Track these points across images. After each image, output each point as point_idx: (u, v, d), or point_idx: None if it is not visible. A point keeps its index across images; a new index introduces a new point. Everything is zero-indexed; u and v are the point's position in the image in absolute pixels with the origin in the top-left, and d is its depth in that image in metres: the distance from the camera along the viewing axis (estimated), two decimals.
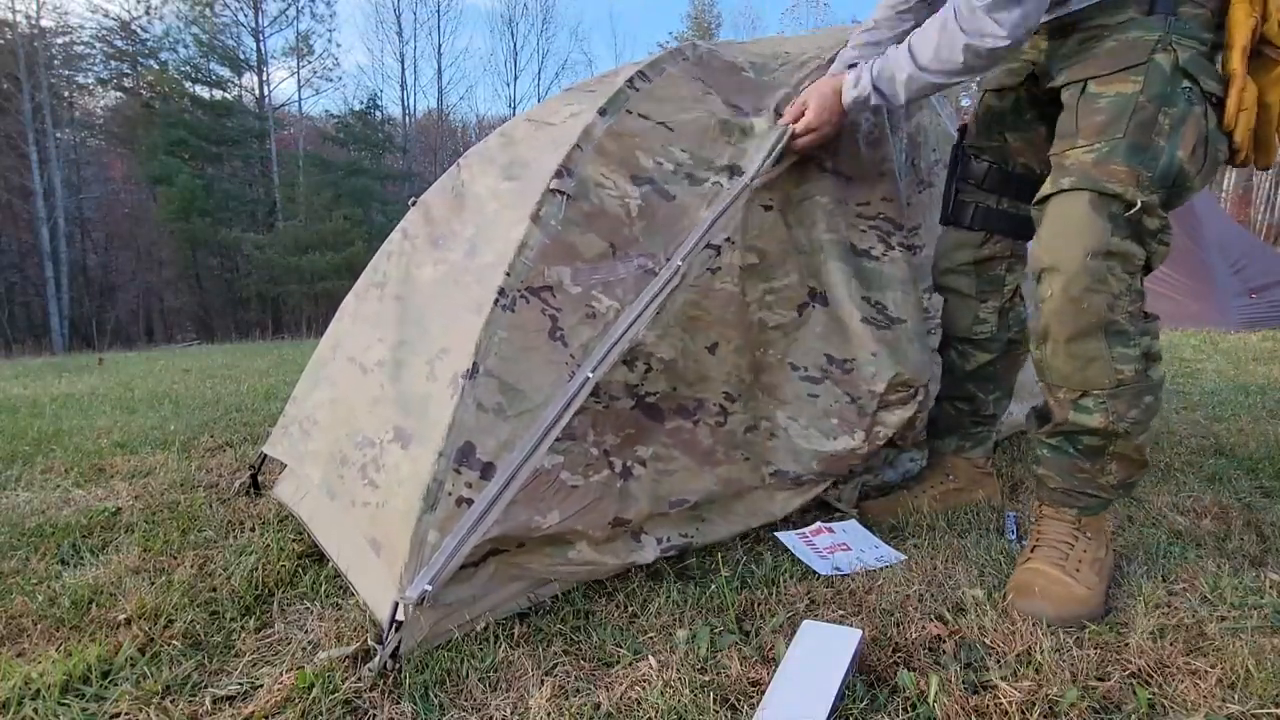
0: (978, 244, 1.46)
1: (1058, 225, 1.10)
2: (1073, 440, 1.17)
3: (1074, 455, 1.17)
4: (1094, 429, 1.13)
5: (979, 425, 1.60)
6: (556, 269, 1.17)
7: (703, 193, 1.29)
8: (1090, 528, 1.19)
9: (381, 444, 1.16)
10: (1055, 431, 1.18)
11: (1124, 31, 1.09)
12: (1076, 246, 1.06)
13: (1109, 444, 1.14)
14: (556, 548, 1.14)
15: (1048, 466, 1.21)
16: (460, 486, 1.02)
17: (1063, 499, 1.20)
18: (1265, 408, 2.54)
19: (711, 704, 0.88)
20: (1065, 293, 1.08)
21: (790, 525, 1.48)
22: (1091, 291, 1.06)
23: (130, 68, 19.16)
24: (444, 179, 1.60)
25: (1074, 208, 1.08)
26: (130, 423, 2.72)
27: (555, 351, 1.13)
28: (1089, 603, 1.09)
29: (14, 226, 18.11)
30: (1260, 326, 5.51)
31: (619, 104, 1.34)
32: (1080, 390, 1.12)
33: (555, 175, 1.22)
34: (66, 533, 1.52)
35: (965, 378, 1.56)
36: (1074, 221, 1.08)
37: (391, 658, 0.98)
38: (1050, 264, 1.10)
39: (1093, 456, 1.16)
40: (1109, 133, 1.07)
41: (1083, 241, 1.06)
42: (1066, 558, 1.14)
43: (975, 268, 1.48)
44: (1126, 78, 1.07)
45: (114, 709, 0.91)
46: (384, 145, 22.69)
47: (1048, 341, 1.13)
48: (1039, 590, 1.10)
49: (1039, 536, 1.21)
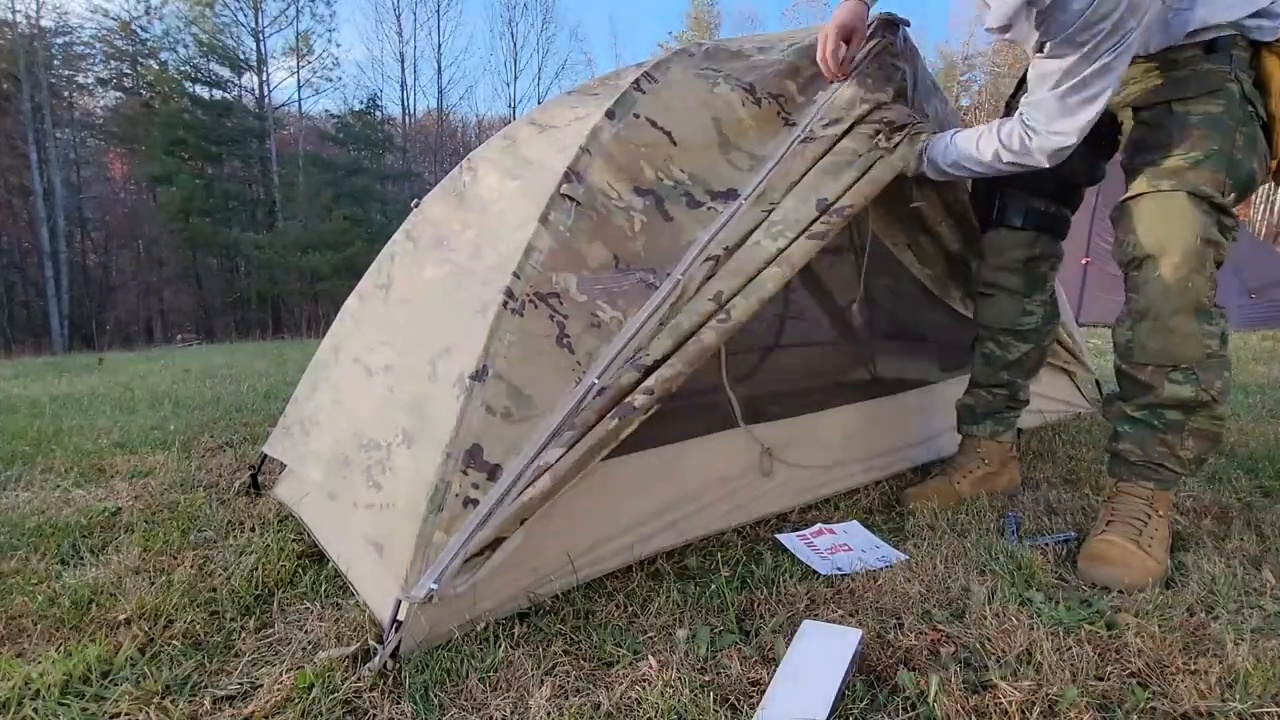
0: (1029, 243, 1.56)
1: (1158, 218, 1.24)
2: (1158, 414, 1.29)
3: (1157, 428, 1.29)
4: (1184, 399, 1.25)
5: (1012, 410, 1.70)
6: (564, 276, 1.17)
7: (698, 217, 1.30)
8: (1161, 505, 1.30)
9: (389, 446, 1.16)
10: (1143, 405, 1.30)
11: (1196, 64, 1.25)
12: (1185, 233, 1.21)
13: (1189, 419, 1.27)
14: None
15: (1129, 441, 1.32)
16: (467, 488, 1.02)
17: (1142, 472, 1.31)
18: (1265, 408, 2.54)
19: (711, 704, 0.88)
20: (1174, 273, 1.22)
21: (791, 527, 1.49)
22: (1195, 273, 1.22)
23: (130, 68, 19.13)
24: (446, 181, 1.61)
25: (1174, 204, 1.23)
26: (130, 423, 2.72)
27: (562, 358, 1.13)
28: (1157, 573, 1.20)
29: (14, 226, 18.10)
30: (1260, 326, 5.52)
31: (626, 107, 1.33)
32: (1173, 364, 1.25)
33: (565, 180, 1.22)
34: (66, 533, 1.52)
35: (1004, 367, 1.65)
36: (1176, 214, 1.22)
37: (391, 657, 0.98)
38: (1156, 250, 1.24)
39: (1174, 430, 1.28)
40: (1202, 145, 1.22)
41: (1190, 229, 1.21)
42: (1140, 533, 1.25)
43: (1025, 265, 1.58)
44: (1210, 100, 1.23)
45: (114, 709, 0.91)
46: (384, 145, 22.68)
47: (1146, 320, 1.26)
48: (1116, 560, 1.21)
49: (1114, 512, 1.31)
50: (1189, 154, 1.23)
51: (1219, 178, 1.22)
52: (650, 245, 1.25)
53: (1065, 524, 1.47)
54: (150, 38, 18.72)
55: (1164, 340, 1.25)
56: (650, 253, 1.25)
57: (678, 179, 1.31)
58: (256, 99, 20.64)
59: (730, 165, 1.37)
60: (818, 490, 1.64)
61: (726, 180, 1.35)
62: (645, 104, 1.35)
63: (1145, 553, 1.22)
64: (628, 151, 1.29)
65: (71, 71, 18.48)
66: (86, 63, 18.58)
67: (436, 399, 1.11)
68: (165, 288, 20.68)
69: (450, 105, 31.25)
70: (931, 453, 1.92)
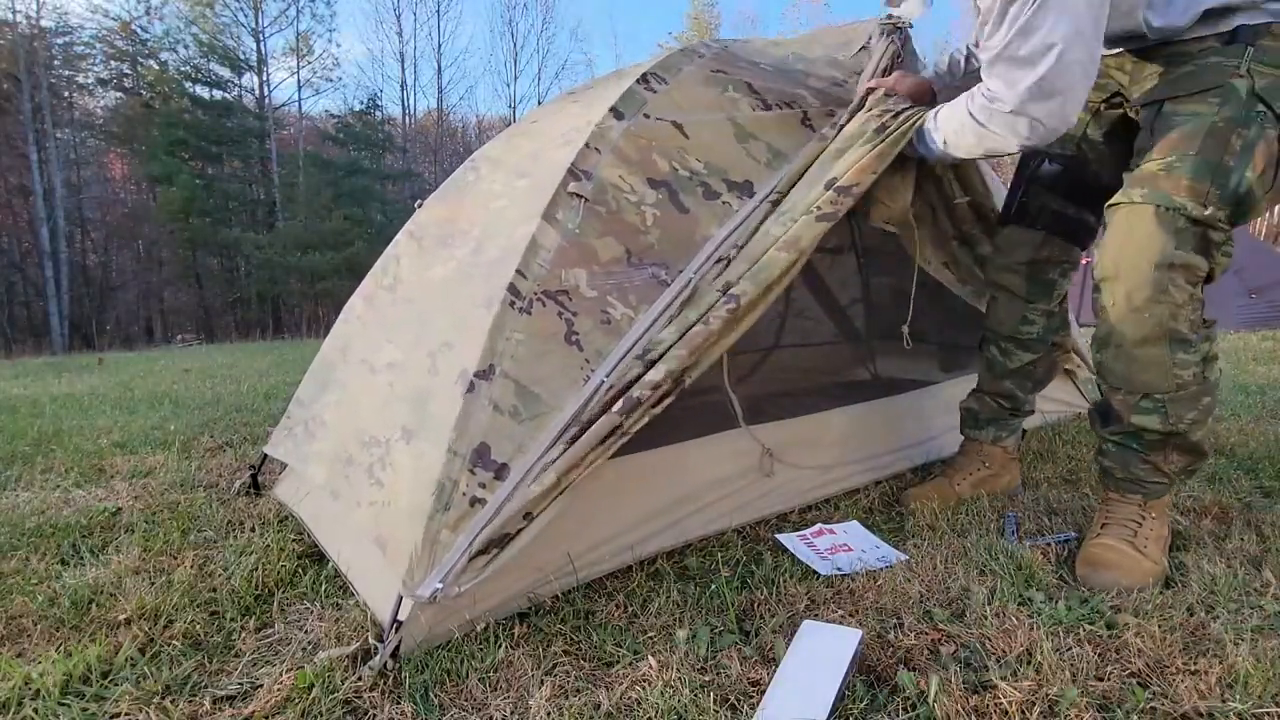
0: (1037, 244, 1.50)
1: (1123, 236, 1.15)
2: (1135, 437, 1.24)
3: (1137, 450, 1.25)
4: (1152, 429, 1.20)
5: (1016, 416, 1.67)
6: (574, 272, 1.16)
7: (714, 210, 1.29)
8: (1155, 508, 1.26)
9: (389, 443, 1.15)
10: (1118, 431, 1.25)
11: (1204, 58, 1.14)
12: (1140, 258, 1.12)
13: (1169, 437, 1.21)
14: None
15: (1112, 460, 1.28)
16: (474, 487, 1.02)
17: (1128, 487, 1.27)
18: (1265, 408, 2.54)
19: (711, 704, 0.88)
20: (1128, 301, 1.14)
21: (791, 527, 1.49)
22: (1154, 302, 1.12)
23: (130, 68, 19.12)
24: (449, 180, 1.61)
25: (1140, 220, 1.12)
26: (130, 423, 2.72)
27: (571, 356, 1.12)
28: (1155, 574, 1.17)
29: (14, 226, 18.10)
30: (1260, 326, 5.52)
31: (636, 106, 1.33)
32: (1141, 393, 1.19)
33: (573, 177, 1.22)
34: (66, 533, 1.52)
35: (1006, 375, 1.61)
36: (1138, 233, 1.12)
37: (391, 657, 0.98)
38: (1113, 273, 1.15)
39: (1155, 449, 1.23)
40: (1181, 149, 1.11)
41: (1146, 254, 1.11)
42: (1135, 535, 1.22)
43: (1029, 268, 1.52)
44: (1204, 99, 1.12)
45: (114, 709, 0.91)
46: (384, 145, 22.66)
47: (1109, 346, 1.20)
48: (1112, 564, 1.18)
49: (1108, 516, 1.27)
50: (1165, 159, 1.12)
51: (1199, 187, 1.09)
52: (665, 238, 1.24)
53: (1065, 524, 1.46)
54: (150, 38, 18.73)
55: (1127, 368, 1.18)
56: (664, 245, 1.24)
57: (693, 169, 1.30)
58: (256, 99, 20.63)
59: (749, 156, 1.36)
60: (818, 491, 1.64)
61: (745, 171, 1.34)
62: (655, 103, 1.34)
63: (1141, 554, 1.19)
64: (639, 145, 1.29)
65: (71, 72, 18.47)
66: (86, 63, 18.58)
67: (437, 394, 1.11)
68: (165, 288, 20.68)
69: (450, 105, 31.29)
70: (931, 453, 1.92)
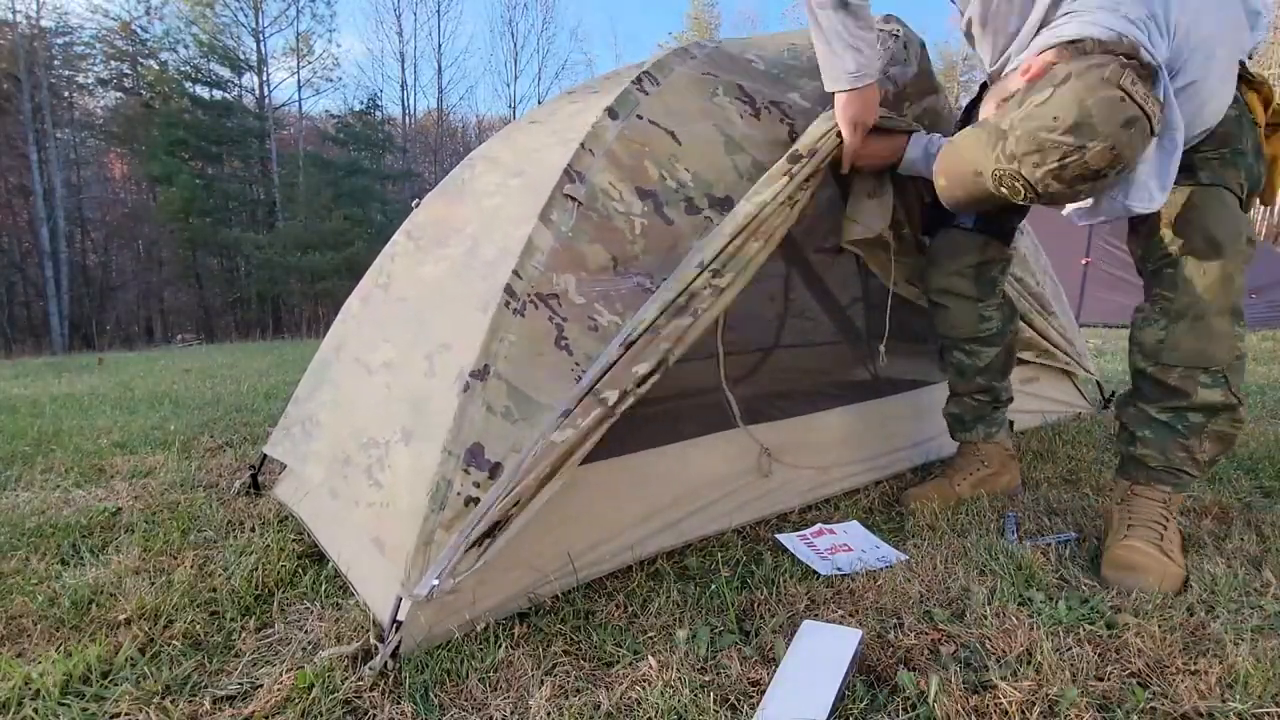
0: (980, 246, 1.54)
1: (1213, 211, 1.19)
2: (1182, 416, 1.26)
3: (1179, 431, 1.26)
4: (1213, 403, 1.23)
5: (999, 409, 1.69)
6: (563, 276, 1.17)
7: (695, 224, 1.29)
8: (1175, 507, 1.29)
9: (388, 444, 1.16)
10: (1170, 408, 1.26)
11: None
12: (1234, 230, 1.19)
13: (1210, 421, 1.24)
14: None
15: (1148, 445, 1.29)
16: (469, 486, 1.02)
17: (1161, 476, 1.29)
18: (1265, 408, 2.55)
19: (711, 704, 0.88)
20: (1222, 271, 1.19)
21: (791, 527, 1.49)
22: (1240, 272, 1.21)
23: (130, 68, 19.13)
24: (447, 180, 1.61)
25: (1223, 199, 1.20)
26: (130, 423, 2.72)
27: (561, 359, 1.13)
28: (1181, 578, 1.19)
29: (14, 226, 18.10)
30: (1260, 326, 5.51)
31: (629, 107, 1.32)
32: (1205, 366, 1.22)
33: (568, 179, 1.22)
34: (66, 533, 1.52)
35: (978, 373, 1.62)
36: (1229, 210, 1.20)
37: (392, 657, 0.98)
38: (1204, 245, 1.19)
39: (1194, 433, 1.26)
40: (1230, 143, 1.20)
41: (1237, 225, 1.19)
42: (1162, 538, 1.23)
43: (975, 270, 1.55)
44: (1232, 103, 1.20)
45: (114, 709, 0.91)
46: (384, 145, 22.67)
47: (1185, 319, 1.22)
48: (1141, 567, 1.18)
49: (1132, 517, 1.28)
50: (1220, 149, 1.20)
51: (1240, 177, 1.20)
52: (650, 248, 1.25)
53: (1065, 524, 1.47)
54: (150, 38, 18.74)
55: (1201, 341, 1.21)
56: (649, 256, 1.24)
57: (681, 180, 1.31)
58: (256, 99, 20.64)
59: (734, 169, 1.36)
60: (817, 491, 1.64)
61: (728, 185, 1.34)
62: (647, 105, 1.34)
63: (1169, 557, 1.19)
64: (631, 150, 1.29)
65: (71, 72, 18.48)
66: (86, 63, 18.59)
67: (435, 395, 1.11)
68: (165, 288, 20.69)
69: (450, 105, 31.34)
70: (931, 453, 1.92)
